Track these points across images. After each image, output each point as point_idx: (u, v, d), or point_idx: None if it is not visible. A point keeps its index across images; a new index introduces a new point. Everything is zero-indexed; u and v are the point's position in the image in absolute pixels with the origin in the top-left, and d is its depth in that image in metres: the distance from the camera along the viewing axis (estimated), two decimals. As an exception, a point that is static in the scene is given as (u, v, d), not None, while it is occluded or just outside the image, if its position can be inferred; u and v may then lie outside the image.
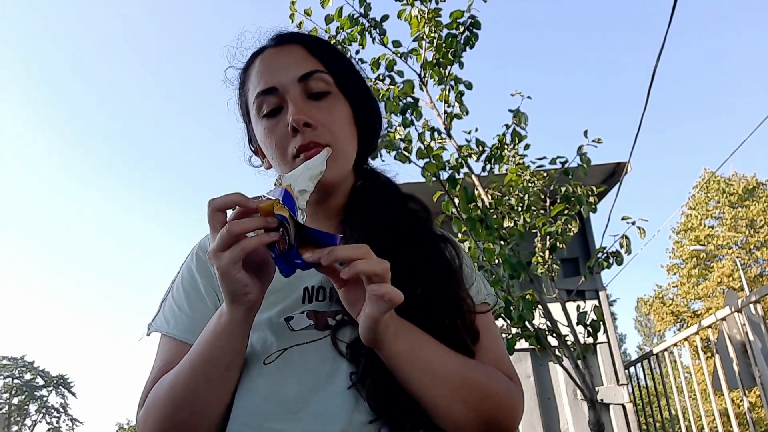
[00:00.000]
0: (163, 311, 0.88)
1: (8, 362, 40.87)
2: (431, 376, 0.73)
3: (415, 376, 0.72)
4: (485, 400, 0.76)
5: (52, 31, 68.11)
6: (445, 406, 0.73)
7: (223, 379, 0.75)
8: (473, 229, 2.78)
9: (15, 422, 40.15)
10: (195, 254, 0.92)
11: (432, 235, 0.89)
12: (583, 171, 2.96)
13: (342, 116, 0.88)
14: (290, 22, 3.02)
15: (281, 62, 0.88)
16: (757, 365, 3.23)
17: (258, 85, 0.87)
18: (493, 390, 0.78)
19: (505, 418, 0.78)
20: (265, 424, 0.73)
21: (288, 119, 0.83)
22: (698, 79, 51.49)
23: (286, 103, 0.85)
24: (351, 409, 0.73)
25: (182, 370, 0.75)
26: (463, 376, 0.76)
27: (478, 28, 2.95)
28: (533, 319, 2.85)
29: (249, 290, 0.69)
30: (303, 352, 0.76)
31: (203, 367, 0.73)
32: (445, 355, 0.76)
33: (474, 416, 0.75)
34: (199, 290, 0.87)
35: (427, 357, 0.74)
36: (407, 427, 0.73)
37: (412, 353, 0.73)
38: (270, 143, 0.86)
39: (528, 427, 4.10)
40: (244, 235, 0.65)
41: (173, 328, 0.84)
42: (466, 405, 0.74)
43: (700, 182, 24.45)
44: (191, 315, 0.85)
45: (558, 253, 3.20)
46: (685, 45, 46.13)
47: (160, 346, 0.86)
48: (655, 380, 4.55)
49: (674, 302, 25.07)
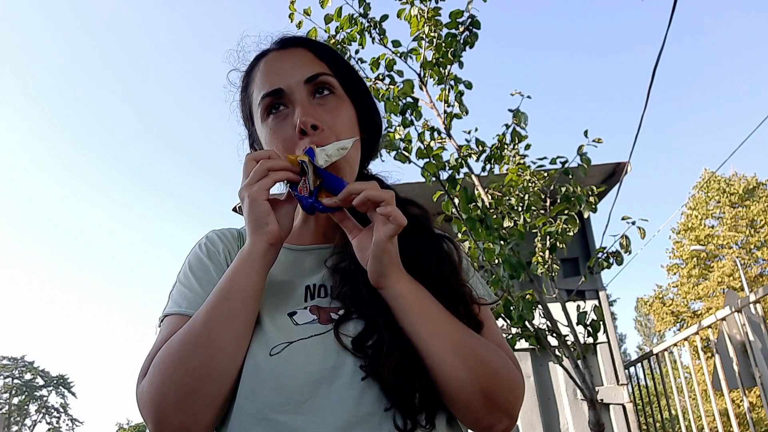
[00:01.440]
0: (173, 298, 0.86)
1: (8, 362, 40.89)
2: (435, 326, 0.76)
3: (419, 321, 0.75)
4: (482, 365, 0.76)
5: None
6: (446, 361, 0.74)
7: (241, 316, 0.75)
8: (473, 229, 2.78)
9: (15, 422, 40.17)
10: (203, 244, 0.93)
11: (432, 234, 0.91)
12: (583, 171, 2.95)
13: (347, 119, 0.89)
14: (289, 21, 3.02)
15: (287, 65, 0.89)
16: (757, 365, 3.23)
17: (263, 87, 0.88)
18: (490, 358, 0.77)
19: (503, 391, 0.77)
20: (270, 415, 0.73)
21: (295, 121, 0.83)
22: (698, 78, 51.53)
23: (293, 104, 0.86)
24: (356, 401, 0.73)
25: (198, 313, 0.76)
26: (463, 335, 0.78)
27: (478, 27, 2.95)
28: (533, 319, 2.85)
29: (270, 220, 0.77)
30: (307, 345, 0.76)
31: (221, 304, 0.75)
32: (446, 312, 0.79)
33: (472, 380, 0.74)
34: (210, 272, 0.87)
35: (431, 306, 0.78)
36: (417, 416, 0.73)
37: (417, 297, 0.77)
38: (275, 145, 0.86)
39: (528, 427, 4.10)
40: (273, 170, 0.78)
41: (186, 308, 0.82)
42: (465, 364, 0.74)
43: (700, 182, 24.46)
44: (203, 294, 0.82)
45: (558, 253, 3.20)
46: (686, 45, 46.15)
47: (166, 324, 0.83)
48: (655, 380, 4.55)
49: (674, 302, 25.07)
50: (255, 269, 0.77)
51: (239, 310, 0.75)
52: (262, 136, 0.89)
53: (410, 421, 0.72)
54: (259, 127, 0.90)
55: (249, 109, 0.94)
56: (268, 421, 0.73)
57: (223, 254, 0.90)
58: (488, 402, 0.76)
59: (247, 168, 0.79)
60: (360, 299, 0.80)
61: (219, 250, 0.91)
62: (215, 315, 0.74)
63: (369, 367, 0.74)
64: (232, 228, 0.98)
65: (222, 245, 0.92)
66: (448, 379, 0.74)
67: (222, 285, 0.77)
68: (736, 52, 45.00)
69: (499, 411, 0.77)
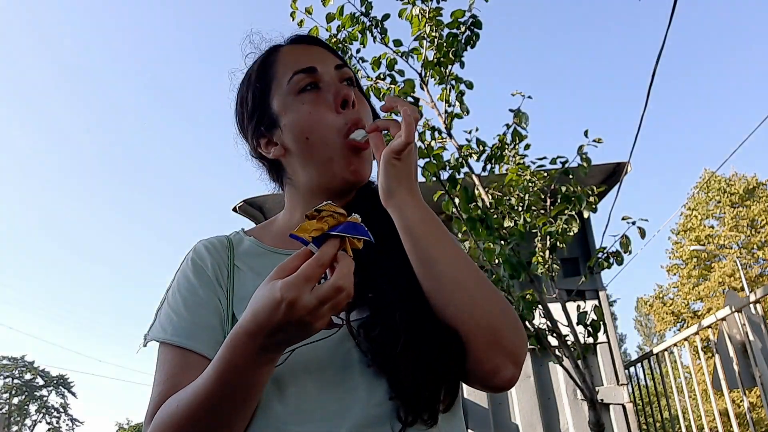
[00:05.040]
0: (159, 319, 0.83)
1: (8, 362, 40.86)
2: (444, 249, 0.75)
3: (429, 243, 0.75)
4: (490, 299, 0.74)
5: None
6: (457, 285, 0.74)
7: (248, 409, 0.71)
8: (473, 229, 2.78)
9: (15, 422, 40.15)
10: (190, 259, 0.89)
11: None
12: (583, 171, 2.96)
13: (368, 110, 0.90)
14: (291, 20, 3.02)
15: (314, 51, 0.91)
16: (757, 365, 3.23)
17: (295, 65, 0.87)
18: (498, 295, 0.76)
19: (509, 331, 0.74)
20: (282, 426, 0.72)
21: (340, 93, 0.85)
22: (698, 78, 51.50)
23: (325, 83, 0.87)
24: (364, 404, 0.72)
25: (203, 408, 0.68)
26: (472, 264, 0.77)
27: (480, 27, 2.95)
28: (533, 319, 2.85)
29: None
30: (312, 350, 0.74)
31: (226, 405, 0.68)
32: (454, 239, 0.79)
33: (480, 313, 0.73)
34: (198, 294, 0.83)
35: (439, 229, 0.77)
36: (422, 410, 0.72)
37: (423, 219, 0.76)
38: (310, 118, 0.84)
39: (528, 427, 4.10)
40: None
41: (171, 335, 0.79)
42: (478, 294, 0.74)
43: (700, 182, 24.45)
44: (190, 320, 0.80)
45: (558, 253, 3.20)
46: (686, 44, 46.14)
47: (160, 357, 0.80)
48: (655, 380, 4.55)
49: (674, 302, 25.06)
50: (268, 372, 0.69)
51: (245, 405, 0.70)
52: (290, 111, 0.86)
53: (412, 414, 0.71)
54: (281, 105, 0.87)
55: (267, 89, 0.90)
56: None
57: (211, 268, 0.87)
58: (494, 340, 0.73)
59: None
60: (364, 289, 0.77)
61: (207, 264, 0.87)
62: (219, 415, 0.69)
63: (375, 356, 0.73)
64: (221, 235, 0.94)
65: (210, 258, 0.88)
66: (460, 308, 0.73)
67: (223, 381, 0.67)
68: (737, 51, 45.02)
69: (504, 353, 0.73)
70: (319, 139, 0.84)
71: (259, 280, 0.66)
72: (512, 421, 4.05)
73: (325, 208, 0.63)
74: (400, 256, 0.78)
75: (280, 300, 0.59)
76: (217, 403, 0.67)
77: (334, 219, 0.63)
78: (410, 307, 0.75)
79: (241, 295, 0.83)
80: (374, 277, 0.78)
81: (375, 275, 0.78)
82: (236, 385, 0.66)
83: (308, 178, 0.88)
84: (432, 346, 0.73)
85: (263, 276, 0.65)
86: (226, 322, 0.82)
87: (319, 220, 0.63)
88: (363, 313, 0.76)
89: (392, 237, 0.79)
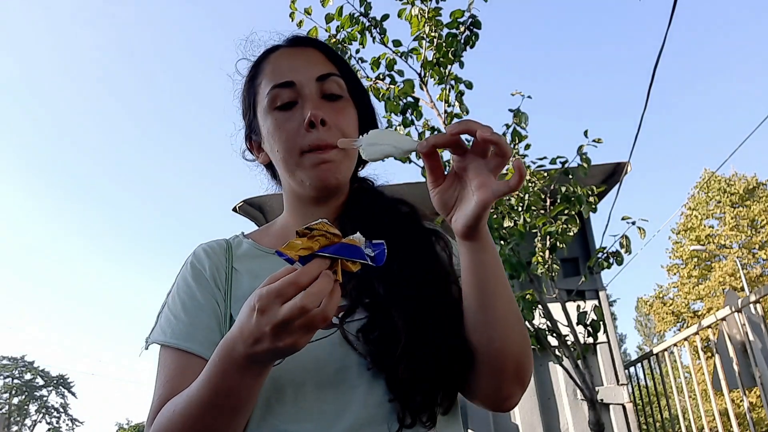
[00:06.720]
0: (159, 323, 0.86)
1: (8, 362, 40.88)
2: (504, 287, 0.78)
3: (496, 280, 0.76)
4: (523, 335, 0.79)
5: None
6: (507, 326, 0.77)
7: (239, 415, 0.71)
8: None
9: (15, 422, 40.16)
10: (190, 263, 0.91)
11: (424, 229, 0.92)
12: (583, 171, 2.96)
13: (352, 120, 0.90)
14: (290, 20, 3.02)
15: (299, 61, 0.90)
16: (757, 365, 3.23)
17: (275, 78, 0.88)
18: (525, 329, 0.81)
19: (528, 363, 0.80)
20: (281, 426, 0.73)
21: (305, 114, 0.84)
22: (699, 78, 51.53)
23: (302, 99, 0.87)
24: (362, 404, 0.73)
25: (200, 414, 0.69)
26: (516, 304, 0.80)
27: (479, 27, 2.96)
28: (533, 319, 2.85)
29: None
30: (309, 350, 0.73)
31: (222, 415, 0.69)
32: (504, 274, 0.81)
33: (515, 349, 0.77)
34: (196, 298, 0.85)
35: (500, 265, 0.79)
36: (420, 412, 0.73)
37: (496, 256, 0.77)
38: (279, 136, 0.86)
39: (528, 427, 4.10)
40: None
41: (171, 337, 0.81)
42: (516, 332, 0.78)
43: (700, 182, 24.44)
44: (188, 322, 0.82)
45: (558, 253, 3.20)
46: (686, 44, 46.18)
47: (160, 360, 0.83)
48: (655, 380, 4.55)
49: (674, 302, 25.05)
50: (258, 381, 0.68)
51: (237, 412, 0.70)
52: (266, 126, 0.89)
53: (411, 416, 0.72)
54: (262, 117, 0.90)
55: (253, 98, 0.93)
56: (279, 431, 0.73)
57: (210, 271, 0.88)
58: (517, 372, 0.78)
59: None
60: (363, 292, 0.79)
61: (206, 267, 0.88)
62: (211, 419, 0.69)
63: (374, 359, 0.74)
64: (220, 239, 0.96)
65: (209, 261, 0.89)
66: (506, 344, 0.76)
67: (213, 386, 0.68)
68: (737, 51, 45.05)
69: (519, 382, 0.79)
70: (278, 154, 0.87)
71: (255, 281, 0.67)
72: (512, 422, 4.05)
73: (317, 227, 0.60)
74: (400, 258, 0.79)
75: (253, 308, 0.60)
76: (208, 409, 0.68)
77: (326, 239, 0.60)
78: (410, 311, 0.76)
79: (238, 296, 0.85)
80: (374, 280, 0.79)
81: (375, 278, 0.79)
82: (226, 391, 0.67)
83: (289, 185, 0.92)
84: (431, 349, 0.74)
85: (260, 278, 0.65)
86: (223, 323, 0.83)
87: (310, 239, 0.60)
88: (362, 315, 0.77)
89: (393, 239, 0.77)
